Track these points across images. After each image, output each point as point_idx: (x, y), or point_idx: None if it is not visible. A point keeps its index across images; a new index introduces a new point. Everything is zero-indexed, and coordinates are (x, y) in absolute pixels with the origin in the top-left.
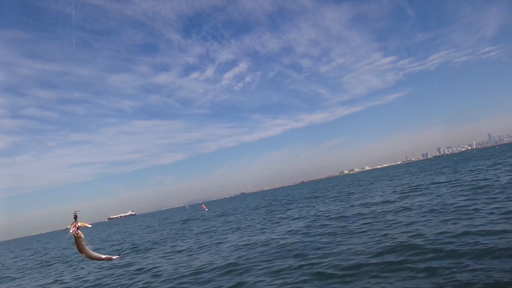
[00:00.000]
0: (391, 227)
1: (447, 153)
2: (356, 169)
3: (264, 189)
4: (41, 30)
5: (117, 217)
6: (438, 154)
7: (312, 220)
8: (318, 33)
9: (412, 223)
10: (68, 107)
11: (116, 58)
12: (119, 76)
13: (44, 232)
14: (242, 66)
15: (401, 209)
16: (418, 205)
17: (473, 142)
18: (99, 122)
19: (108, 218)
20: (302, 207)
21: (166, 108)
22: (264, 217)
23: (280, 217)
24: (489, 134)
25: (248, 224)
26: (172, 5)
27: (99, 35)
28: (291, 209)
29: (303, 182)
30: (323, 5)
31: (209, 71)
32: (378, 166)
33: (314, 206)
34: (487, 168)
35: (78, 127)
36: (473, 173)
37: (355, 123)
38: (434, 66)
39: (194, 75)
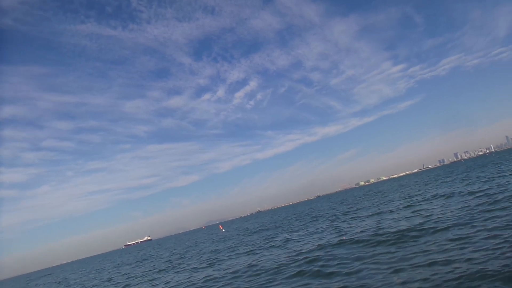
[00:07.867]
0: None
1: (465, 158)
2: (372, 180)
3: (280, 206)
4: (59, 64)
5: (134, 243)
6: (455, 159)
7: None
8: (326, 46)
9: None
10: (84, 136)
11: (130, 85)
12: (133, 103)
13: (65, 262)
14: (253, 84)
15: None
16: None
17: (491, 145)
18: (114, 149)
19: (125, 245)
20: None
21: (179, 130)
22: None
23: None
24: (506, 136)
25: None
26: (182, 30)
27: (113, 64)
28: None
29: (319, 196)
30: (330, 19)
31: (220, 91)
32: (395, 176)
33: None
34: None
35: (94, 155)
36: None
37: (369, 133)
38: (445, 71)
39: (206, 96)
